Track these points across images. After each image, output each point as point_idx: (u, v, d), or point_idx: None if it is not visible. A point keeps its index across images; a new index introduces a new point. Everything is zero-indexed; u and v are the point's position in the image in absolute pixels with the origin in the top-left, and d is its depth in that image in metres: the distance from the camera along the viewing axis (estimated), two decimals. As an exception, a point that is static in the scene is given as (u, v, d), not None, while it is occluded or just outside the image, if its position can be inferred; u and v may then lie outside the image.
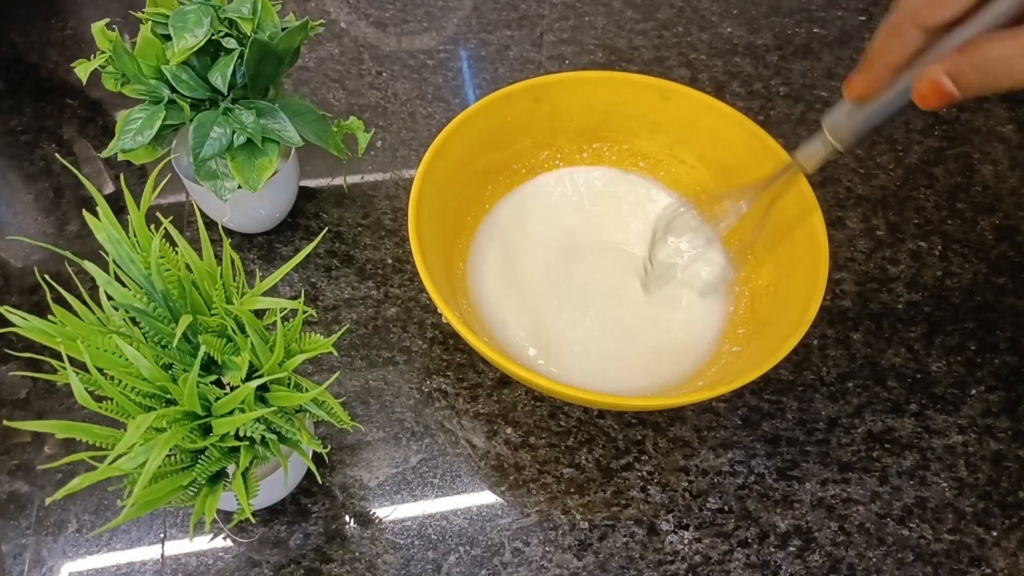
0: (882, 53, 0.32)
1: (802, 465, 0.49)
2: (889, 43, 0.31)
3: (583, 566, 0.45)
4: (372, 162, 0.64)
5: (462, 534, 0.46)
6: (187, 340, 0.38)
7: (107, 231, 0.37)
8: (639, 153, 0.57)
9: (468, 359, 0.53)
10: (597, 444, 0.50)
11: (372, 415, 0.51)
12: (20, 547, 0.45)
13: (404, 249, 0.58)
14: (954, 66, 0.29)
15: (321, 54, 0.71)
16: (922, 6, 0.29)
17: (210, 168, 0.49)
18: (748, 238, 0.51)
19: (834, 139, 0.37)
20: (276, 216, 0.58)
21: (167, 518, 0.47)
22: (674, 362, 0.50)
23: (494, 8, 0.76)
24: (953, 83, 0.29)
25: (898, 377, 0.53)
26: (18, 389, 0.51)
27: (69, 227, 0.60)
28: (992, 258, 0.59)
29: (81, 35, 0.73)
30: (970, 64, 0.29)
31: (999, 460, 0.50)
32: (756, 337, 0.48)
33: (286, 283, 0.56)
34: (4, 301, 0.55)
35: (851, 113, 0.36)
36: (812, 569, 0.46)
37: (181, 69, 0.47)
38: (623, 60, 0.72)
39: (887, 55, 0.32)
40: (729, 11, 0.76)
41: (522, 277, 0.54)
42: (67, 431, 0.33)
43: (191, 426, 0.35)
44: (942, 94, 0.30)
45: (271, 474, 0.42)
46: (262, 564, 0.45)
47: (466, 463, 0.49)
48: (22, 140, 0.65)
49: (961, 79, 0.29)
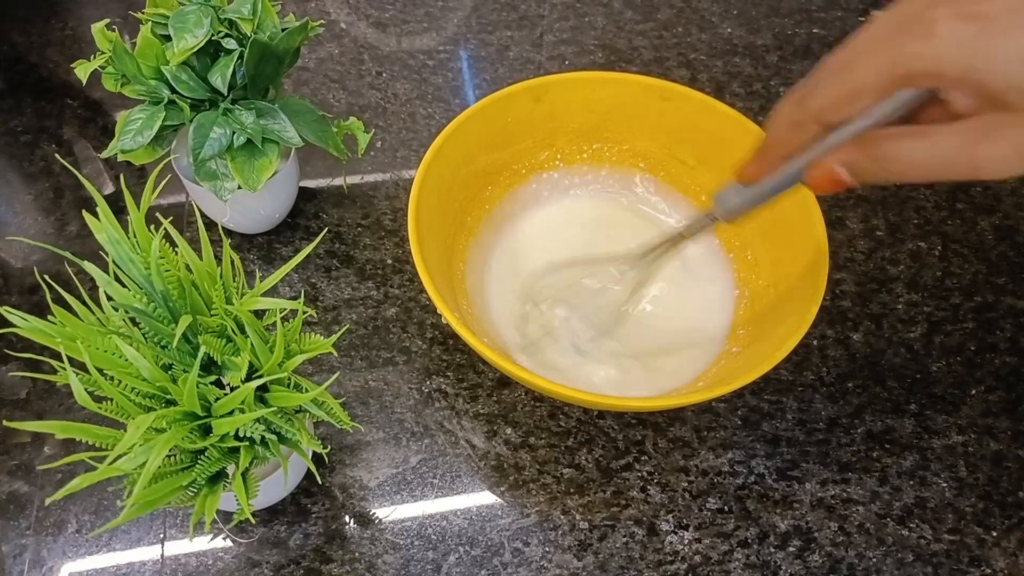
0: (780, 145, 0.33)
1: (802, 465, 0.49)
2: (789, 136, 0.32)
3: (583, 566, 0.45)
4: (372, 162, 0.64)
5: (462, 534, 0.46)
6: (187, 340, 0.38)
7: (107, 231, 0.37)
8: (639, 153, 0.57)
9: (468, 359, 0.53)
10: (597, 444, 0.50)
11: (372, 415, 0.51)
12: (20, 547, 0.45)
13: (404, 249, 0.58)
14: (851, 158, 0.30)
15: (321, 54, 0.71)
16: (828, 107, 0.30)
17: (210, 168, 0.49)
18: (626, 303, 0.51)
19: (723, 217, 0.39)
20: (276, 216, 0.58)
21: (167, 518, 0.47)
22: (674, 363, 0.50)
23: (494, 8, 0.76)
24: (849, 173, 0.31)
25: (898, 377, 0.53)
26: (18, 389, 0.51)
27: (69, 227, 0.60)
28: (992, 258, 0.59)
29: (81, 35, 0.73)
30: (868, 158, 0.30)
31: (999, 460, 0.50)
32: (756, 337, 0.48)
33: (286, 283, 0.56)
34: (4, 301, 0.55)
35: (739, 192, 0.37)
36: (812, 569, 0.46)
37: (181, 69, 0.47)
38: (623, 60, 0.72)
39: (784, 147, 0.33)
40: (729, 11, 0.76)
41: (522, 277, 0.54)
42: (67, 431, 0.33)
43: (191, 426, 0.35)
44: (837, 183, 0.31)
45: (271, 474, 0.42)
46: (262, 564, 0.45)
47: (466, 463, 0.49)
48: (22, 140, 0.65)
49: (858, 170, 0.30)
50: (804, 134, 0.32)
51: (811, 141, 0.32)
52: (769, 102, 0.68)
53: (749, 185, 0.37)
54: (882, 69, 0.28)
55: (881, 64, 0.28)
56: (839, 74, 0.29)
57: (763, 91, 0.69)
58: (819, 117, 0.31)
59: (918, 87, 0.29)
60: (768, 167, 0.35)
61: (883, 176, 0.30)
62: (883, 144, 0.29)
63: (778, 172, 0.35)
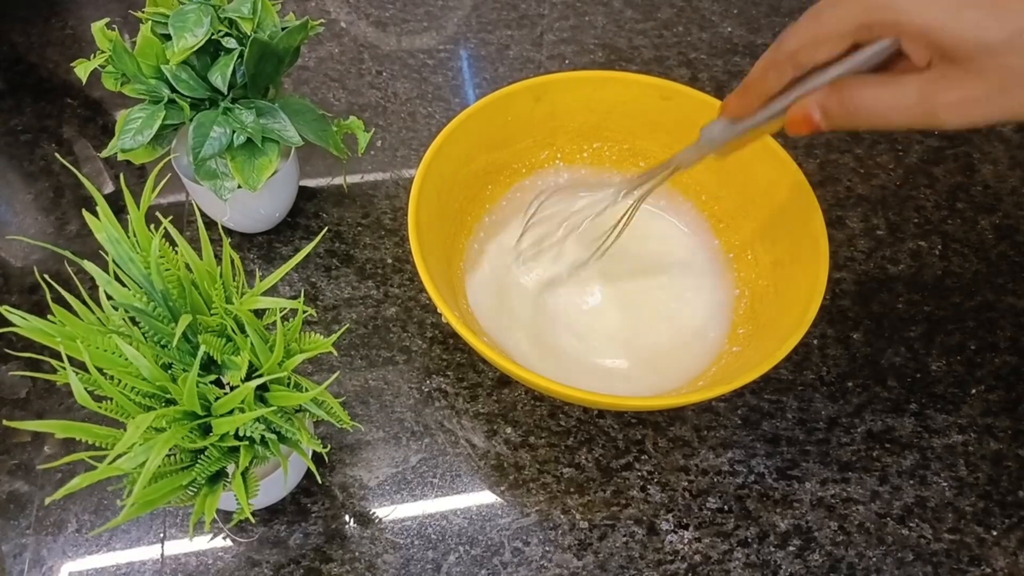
0: (759, 83, 0.36)
1: (802, 465, 0.49)
2: (766, 75, 0.35)
3: (583, 566, 0.45)
4: (372, 162, 0.64)
5: (462, 534, 0.46)
6: (187, 340, 0.38)
7: (107, 231, 0.37)
8: (639, 153, 0.57)
9: (468, 359, 0.53)
10: (597, 444, 0.50)
11: (372, 415, 0.51)
12: (20, 547, 0.45)
13: (404, 249, 0.58)
14: (824, 101, 0.33)
15: (321, 54, 0.71)
16: (800, 49, 0.33)
17: (210, 168, 0.49)
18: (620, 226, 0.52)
19: (709, 148, 0.42)
20: (276, 216, 0.58)
21: (167, 518, 0.47)
22: (674, 362, 0.50)
23: (494, 8, 0.76)
24: (822, 115, 0.33)
25: (898, 377, 0.53)
26: (18, 389, 0.51)
27: (69, 227, 0.60)
28: (992, 258, 0.59)
29: (81, 35, 0.73)
30: (838, 102, 0.32)
31: (999, 460, 0.50)
32: (756, 337, 0.48)
33: (286, 283, 0.56)
34: (4, 301, 0.55)
35: (724, 128, 0.40)
36: (812, 569, 0.46)
37: (181, 69, 0.47)
38: (623, 60, 0.72)
39: (763, 85, 0.35)
40: (729, 11, 0.76)
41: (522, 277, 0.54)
42: (67, 431, 0.33)
43: (191, 426, 0.35)
44: (811, 123, 0.34)
45: (271, 474, 0.42)
46: (262, 564, 0.45)
47: (466, 463, 0.49)
48: (22, 140, 0.65)
49: (829, 114, 0.33)
50: (780, 74, 0.34)
51: (787, 83, 0.35)
52: (769, 101, 0.68)
53: (733, 122, 0.39)
54: (846, 18, 0.31)
55: (847, 13, 0.31)
56: (811, 20, 0.33)
57: (763, 90, 0.69)
58: (792, 59, 0.33)
59: (878, 37, 0.31)
60: (749, 104, 0.37)
61: (851, 120, 0.32)
62: (852, 89, 0.32)
63: (759, 112, 0.37)
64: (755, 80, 0.36)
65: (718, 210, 0.55)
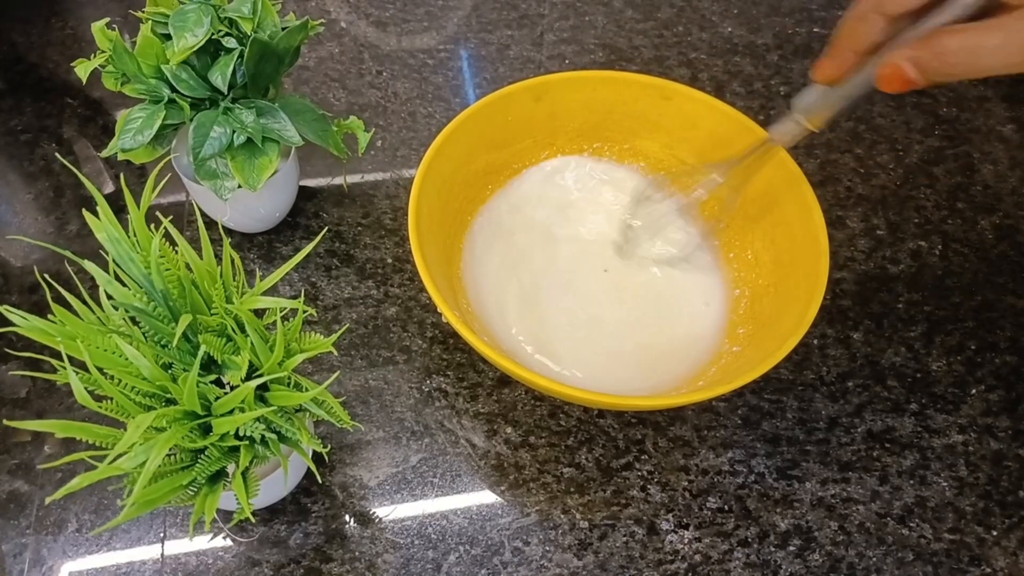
0: (848, 39, 0.34)
1: (802, 464, 0.49)
2: (854, 30, 0.33)
3: (583, 566, 0.45)
4: (372, 162, 0.64)
5: (462, 533, 0.46)
6: (187, 339, 0.38)
7: (107, 231, 0.37)
8: (639, 153, 0.57)
9: (468, 359, 0.53)
10: (597, 444, 0.50)
11: (372, 415, 0.51)
12: (20, 546, 0.45)
13: (404, 249, 0.58)
14: (916, 54, 0.31)
15: (321, 53, 0.71)
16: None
17: (210, 168, 0.49)
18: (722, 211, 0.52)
19: (807, 120, 0.39)
20: (276, 216, 0.58)
21: (167, 517, 0.47)
22: (674, 362, 0.50)
23: (494, 8, 0.76)
24: (916, 69, 0.31)
25: (898, 377, 0.53)
26: (18, 389, 0.51)
27: (69, 226, 0.60)
28: (992, 258, 0.59)
29: (81, 35, 0.73)
30: (931, 53, 0.30)
31: (999, 460, 0.50)
32: (756, 337, 0.48)
33: (286, 282, 0.56)
34: (4, 300, 0.55)
35: (821, 95, 0.37)
36: (812, 569, 0.46)
37: (181, 68, 0.47)
38: (623, 60, 0.72)
39: (852, 41, 0.33)
40: (729, 11, 0.76)
41: (522, 276, 0.54)
42: (67, 431, 0.33)
43: (191, 425, 0.35)
44: (903, 80, 0.31)
45: (271, 474, 0.42)
46: (262, 564, 0.45)
47: (466, 463, 0.49)
48: (22, 140, 0.65)
49: (923, 66, 0.31)
50: (869, 27, 0.32)
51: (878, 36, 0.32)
52: (770, 101, 0.68)
53: (829, 88, 0.36)
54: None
55: None
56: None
57: (763, 90, 0.69)
58: (879, 7, 0.31)
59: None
60: (843, 64, 0.35)
61: (946, 70, 0.30)
62: (945, 38, 0.30)
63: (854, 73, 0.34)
64: (843, 36, 0.34)
65: (718, 210, 0.55)
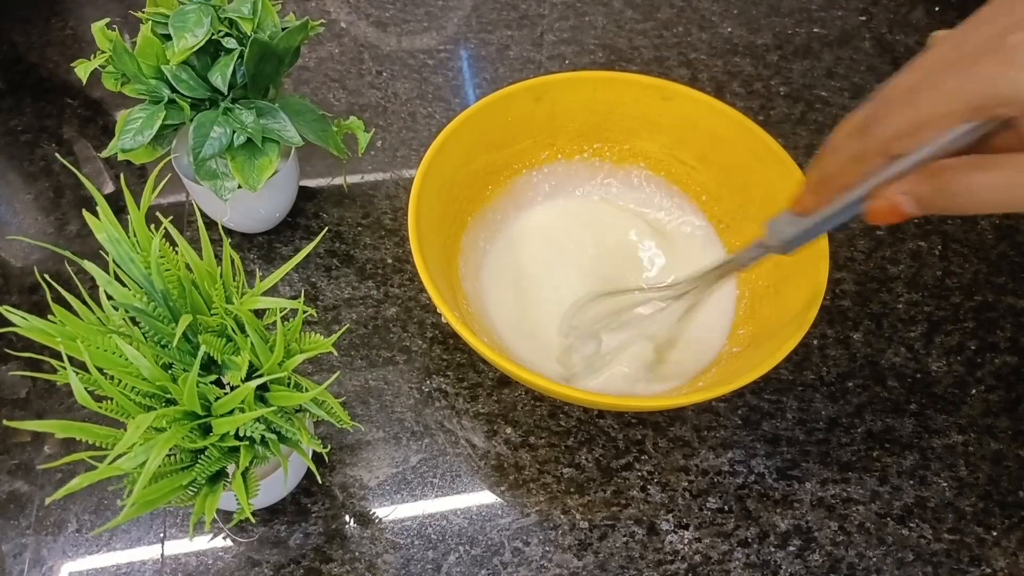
0: (840, 177, 0.32)
1: (802, 465, 0.49)
2: (851, 168, 0.31)
3: (583, 566, 0.45)
4: (372, 162, 0.64)
5: (462, 534, 0.46)
6: (187, 340, 0.38)
7: (107, 231, 0.37)
8: (639, 153, 0.57)
9: (468, 359, 0.53)
10: (597, 444, 0.50)
11: (372, 415, 0.51)
12: (20, 547, 0.45)
13: (404, 249, 0.58)
14: (917, 189, 0.29)
15: (321, 54, 0.71)
16: (895, 139, 0.29)
17: (210, 168, 0.49)
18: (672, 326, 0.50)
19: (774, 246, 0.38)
20: (276, 216, 0.58)
21: (167, 518, 0.47)
22: (674, 362, 0.50)
23: (494, 8, 0.76)
24: (914, 204, 0.29)
25: (898, 377, 0.53)
26: (18, 389, 0.51)
27: (69, 227, 0.60)
28: (992, 258, 0.59)
29: (81, 35, 0.73)
30: (934, 189, 0.28)
31: (999, 460, 0.50)
32: (756, 337, 0.48)
33: (286, 283, 0.56)
34: (4, 301, 0.55)
35: (793, 222, 0.36)
36: (812, 569, 0.46)
37: (181, 69, 0.47)
38: (623, 60, 0.72)
39: (845, 179, 0.31)
40: (729, 11, 0.76)
41: (522, 276, 0.54)
42: (67, 431, 0.33)
43: (191, 426, 0.35)
44: (900, 214, 0.30)
45: (271, 474, 0.42)
46: (262, 564, 0.45)
47: (466, 463, 0.49)
48: (22, 140, 0.65)
49: (924, 201, 0.29)
50: (867, 167, 0.30)
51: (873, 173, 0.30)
52: (769, 101, 0.68)
53: (803, 216, 0.35)
54: (956, 97, 0.26)
55: (955, 92, 0.26)
56: (907, 103, 0.28)
57: (763, 90, 0.69)
58: (885, 149, 0.29)
59: (995, 117, 0.27)
60: (827, 199, 0.33)
61: (951, 207, 0.28)
62: (951, 175, 0.28)
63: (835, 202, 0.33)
64: (835, 173, 0.32)
65: (718, 211, 0.55)
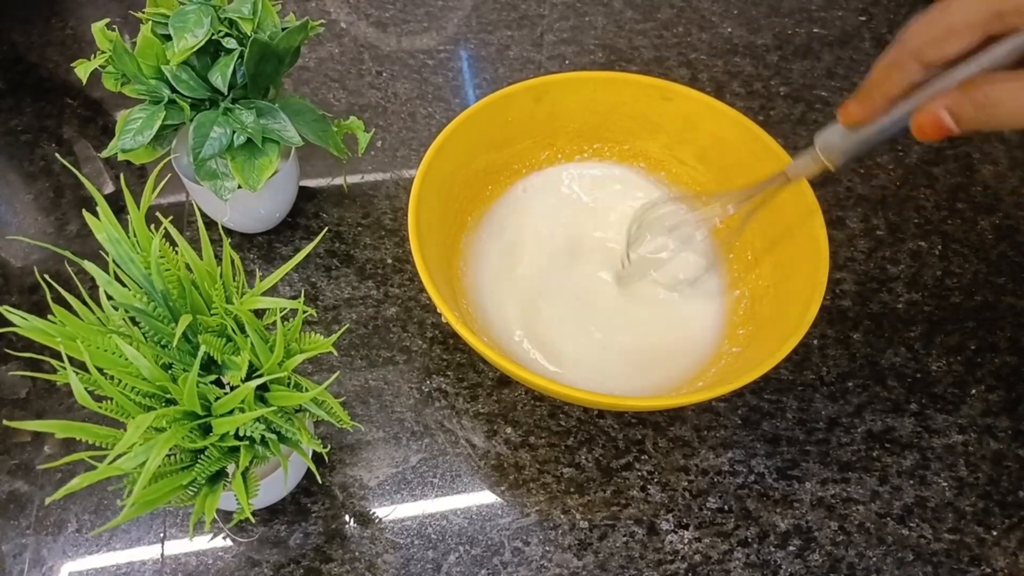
0: (881, 84, 0.33)
1: (802, 465, 0.49)
2: (889, 75, 0.32)
3: (583, 566, 0.45)
4: (372, 162, 0.64)
5: (462, 533, 0.46)
6: (187, 340, 0.38)
7: (107, 231, 0.37)
8: (639, 153, 0.57)
9: (468, 359, 0.53)
10: (597, 444, 0.50)
11: (372, 415, 0.51)
12: (20, 547, 0.45)
13: (404, 249, 0.58)
14: (955, 102, 0.30)
15: (321, 54, 0.71)
16: (926, 43, 0.30)
17: (210, 168, 0.49)
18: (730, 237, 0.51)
19: (826, 158, 0.38)
20: (276, 216, 0.58)
21: (167, 518, 0.47)
22: (674, 362, 0.50)
23: (494, 8, 0.76)
24: (952, 119, 0.30)
25: (898, 377, 0.53)
26: (18, 389, 0.51)
27: (69, 227, 0.60)
28: (992, 258, 0.59)
29: (81, 35, 0.73)
30: (971, 102, 0.30)
31: (999, 460, 0.50)
32: (756, 337, 0.48)
33: (286, 283, 0.56)
34: (4, 301, 0.55)
35: (844, 135, 0.36)
36: (812, 569, 0.46)
37: (181, 69, 0.47)
38: (623, 60, 0.72)
39: (886, 86, 0.33)
40: (729, 11, 0.76)
41: (522, 277, 0.54)
42: (67, 431, 0.33)
43: (191, 426, 0.35)
44: (941, 128, 0.31)
45: (271, 474, 0.42)
46: (262, 564, 0.45)
47: (466, 463, 0.49)
48: (22, 140, 0.65)
49: (961, 115, 0.30)
50: (904, 74, 0.32)
51: (912, 83, 0.32)
52: (769, 101, 0.68)
53: (853, 129, 0.36)
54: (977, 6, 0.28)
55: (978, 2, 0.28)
56: (938, 12, 0.30)
57: (763, 91, 0.69)
58: (918, 55, 0.31)
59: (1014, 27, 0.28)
60: (871, 108, 0.34)
61: (985, 121, 0.30)
62: (985, 87, 0.29)
63: (882, 117, 0.34)
64: (877, 81, 0.33)
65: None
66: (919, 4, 0.76)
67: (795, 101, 0.69)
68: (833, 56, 0.72)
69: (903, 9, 0.76)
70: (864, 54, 0.72)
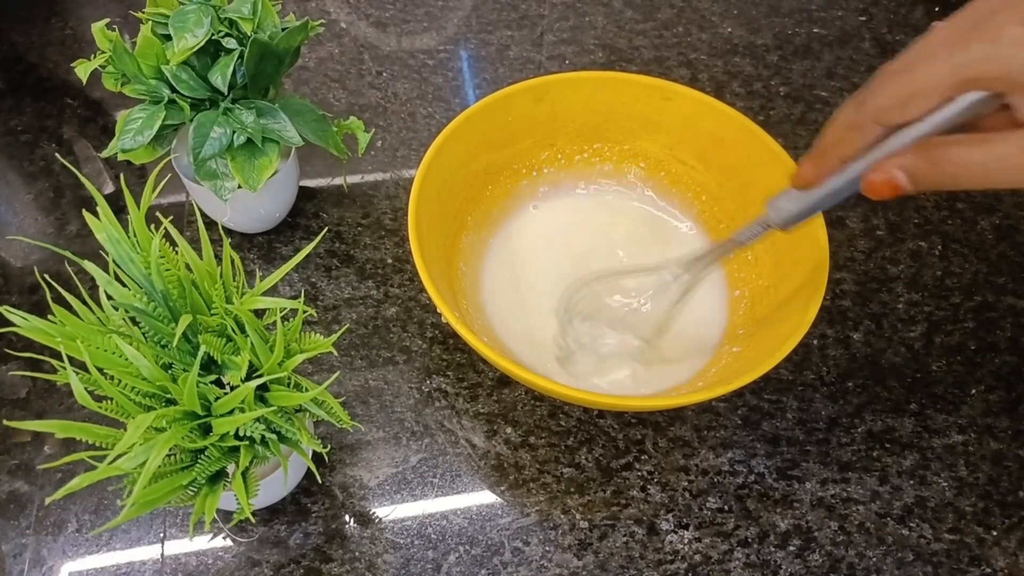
0: (838, 145, 0.33)
1: (802, 465, 0.49)
2: (847, 137, 0.32)
3: (583, 566, 0.45)
4: (372, 162, 0.64)
5: (462, 534, 0.46)
6: (187, 340, 0.38)
7: (107, 231, 0.37)
8: (639, 153, 0.57)
9: (468, 359, 0.53)
10: (597, 444, 0.50)
11: (372, 415, 0.51)
12: (20, 547, 0.45)
13: (404, 249, 0.58)
14: (911, 163, 0.30)
15: (321, 54, 0.71)
16: (889, 106, 0.30)
17: (210, 168, 0.49)
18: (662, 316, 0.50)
19: (778, 224, 0.38)
20: (276, 216, 0.58)
21: (167, 518, 0.47)
22: (674, 362, 0.50)
23: (494, 8, 0.76)
24: (909, 179, 0.30)
25: (898, 377, 0.53)
26: (18, 389, 0.51)
27: (69, 227, 0.60)
28: (992, 258, 0.59)
29: (81, 35, 0.73)
30: (928, 164, 0.30)
31: (999, 460, 0.50)
32: (756, 337, 0.48)
33: (286, 283, 0.56)
34: (4, 301, 0.55)
35: (795, 199, 0.36)
36: (812, 569, 0.46)
37: (181, 69, 0.47)
38: (623, 60, 0.72)
39: (843, 148, 0.32)
40: (729, 11, 0.76)
41: (522, 276, 0.54)
42: (67, 431, 0.33)
43: (191, 426, 0.35)
44: (896, 188, 0.31)
45: (271, 474, 0.42)
46: (262, 564, 0.45)
47: (466, 463, 0.49)
48: (22, 140, 0.65)
49: (918, 176, 0.30)
50: (863, 136, 0.31)
51: (870, 145, 0.31)
52: (769, 101, 0.68)
53: (804, 191, 0.35)
54: (945, 71, 0.28)
55: (945, 66, 0.28)
56: (901, 75, 0.29)
57: (763, 91, 0.69)
58: (879, 118, 0.30)
59: (981, 90, 0.28)
60: (825, 170, 0.34)
61: (942, 181, 0.30)
62: (943, 149, 0.29)
63: (834, 177, 0.34)
64: (833, 143, 0.33)
65: (718, 211, 0.55)
66: (919, 4, 0.76)
67: (795, 101, 0.69)
68: (833, 56, 0.72)
69: (903, 9, 0.76)
70: (864, 54, 0.72)
